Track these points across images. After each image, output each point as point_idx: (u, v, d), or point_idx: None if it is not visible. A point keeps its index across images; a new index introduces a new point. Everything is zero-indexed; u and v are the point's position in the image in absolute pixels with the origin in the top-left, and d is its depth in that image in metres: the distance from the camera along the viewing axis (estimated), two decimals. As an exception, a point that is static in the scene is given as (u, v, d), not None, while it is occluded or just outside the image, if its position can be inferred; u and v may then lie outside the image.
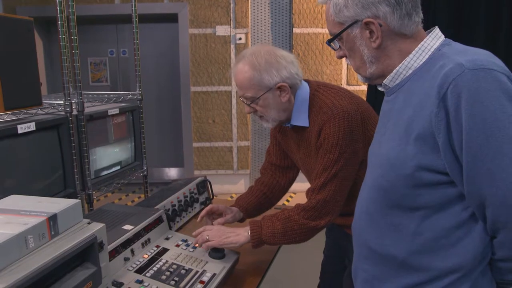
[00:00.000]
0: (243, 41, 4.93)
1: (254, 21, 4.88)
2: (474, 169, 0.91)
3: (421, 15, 1.07)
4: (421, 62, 1.05)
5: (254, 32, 4.90)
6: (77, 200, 0.98)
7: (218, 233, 1.59)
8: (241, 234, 1.58)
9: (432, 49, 1.04)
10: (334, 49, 1.16)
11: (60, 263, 0.92)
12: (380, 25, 1.03)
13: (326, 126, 1.50)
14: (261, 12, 4.87)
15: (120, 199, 4.98)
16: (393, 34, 1.05)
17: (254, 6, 4.86)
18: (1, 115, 1.69)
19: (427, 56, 1.04)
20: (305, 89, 1.60)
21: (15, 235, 0.86)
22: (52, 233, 0.93)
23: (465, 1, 3.78)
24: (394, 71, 1.07)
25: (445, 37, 1.08)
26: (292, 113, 1.60)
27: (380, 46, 1.06)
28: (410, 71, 1.06)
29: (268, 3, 4.85)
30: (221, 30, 4.93)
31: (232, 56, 4.98)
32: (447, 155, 0.94)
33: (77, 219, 0.99)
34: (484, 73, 0.90)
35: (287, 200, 4.96)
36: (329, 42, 1.14)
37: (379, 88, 1.16)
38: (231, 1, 4.88)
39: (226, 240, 1.56)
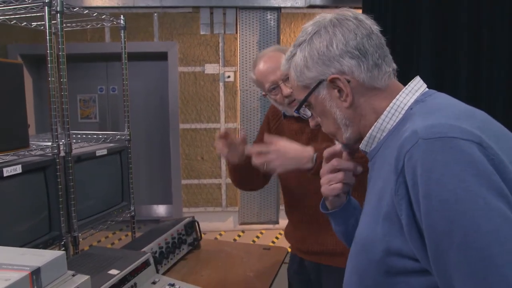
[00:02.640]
0: (231, 79, 5.01)
1: (242, 59, 4.97)
2: (441, 262, 0.73)
3: (394, 65, 0.96)
4: (394, 123, 0.91)
5: (242, 70, 4.98)
6: (62, 252, 0.97)
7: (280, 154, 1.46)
8: (305, 151, 1.45)
9: (406, 107, 0.91)
10: (306, 117, 1.04)
11: (42, 318, 0.90)
12: (348, 81, 0.91)
13: None
14: (249, 51, 4.97)
15: (106, 237, 4.90)
16: (364, 89, 0.92)
17: (242, 45, 4.96)
18: (-13, 158, 1.68)
19: (400, 116, 0.91)
20: None
21: (-4, 291, 0.84)
22: (35, 287, 0.91)
23: (448, 41, 3.91)
24: (368, 134, 0.94)
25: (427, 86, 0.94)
26: None
27: (352, 104, 0.93)
28: (384, 134, 0.92)
29: (256, 42, 4.96)
30: (210, 68, 5.01)
31: (221, 93, 5.04)
32: (413, 240, 0.77)
33: (61, 271, 0.97)
34: (442, 142, 0.73)
35: (277, 237, 4.92)
36: (297, 110, 1.01)
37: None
38: (220, 40, 4.99)
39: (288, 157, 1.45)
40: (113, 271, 1.51)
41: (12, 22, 2.33)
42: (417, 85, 0.94)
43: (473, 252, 0.69)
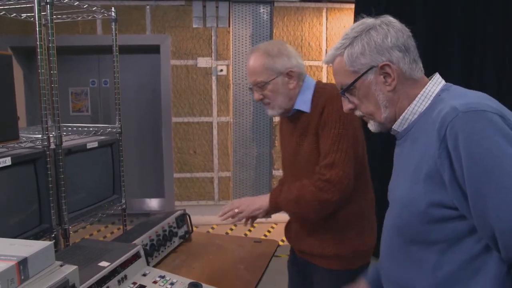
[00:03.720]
0: (224, 72, 5.00)
1: (235, 53, 4.97)
2: (479, 204, 0.95)
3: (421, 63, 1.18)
4: (424, 108, 1.13)
5: (235, 64, 4.97)
6: (50, 242, 0.97)
7: (246, 203, 1.78)
8: (263, 199, 1.74)
9: (434, 95, 1.13)
10: (349, 100, 1.21)
11: (30, 308, 0.90)
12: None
13: (328, 104, 1.61)
14: (242, 45, 4.96)
15: (99, 230, 4.89)
16: (404, 78, 1.14)
17: (235, 39, 4.95)
18: (-24, 150, 1.67)
19: (429, 102, 1.13)
20: (311, 79, 1.74)
21: (-17, 281, 0.84)
22: (22, 277, 0.90)
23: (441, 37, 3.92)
24: (401, 116, 1.16)
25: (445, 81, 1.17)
26: (296, 100, 1.71)
27: (395, 88, 1.14)
28: (416, 116, 1.14)
29: (249, 36, 4.95)
30: (203, 62, 4.99)
31: (214, 87, 5.03)
32: (454, 191, 0.99)
33: (49, 261, 0.97)
34: (476, 114, 0.97)
35: (269, 231, 4.94)
36: (343, 92, 1.20)
37: (391, 132, 1.23)
38: (212, 34, 4.97)
39: (253, 207, 1.76)
40: (104, 263, 1.51)
41: (1, 13, 2.31)
42: (439, 79, 1.18)
43: (507, 193, 0.92)
